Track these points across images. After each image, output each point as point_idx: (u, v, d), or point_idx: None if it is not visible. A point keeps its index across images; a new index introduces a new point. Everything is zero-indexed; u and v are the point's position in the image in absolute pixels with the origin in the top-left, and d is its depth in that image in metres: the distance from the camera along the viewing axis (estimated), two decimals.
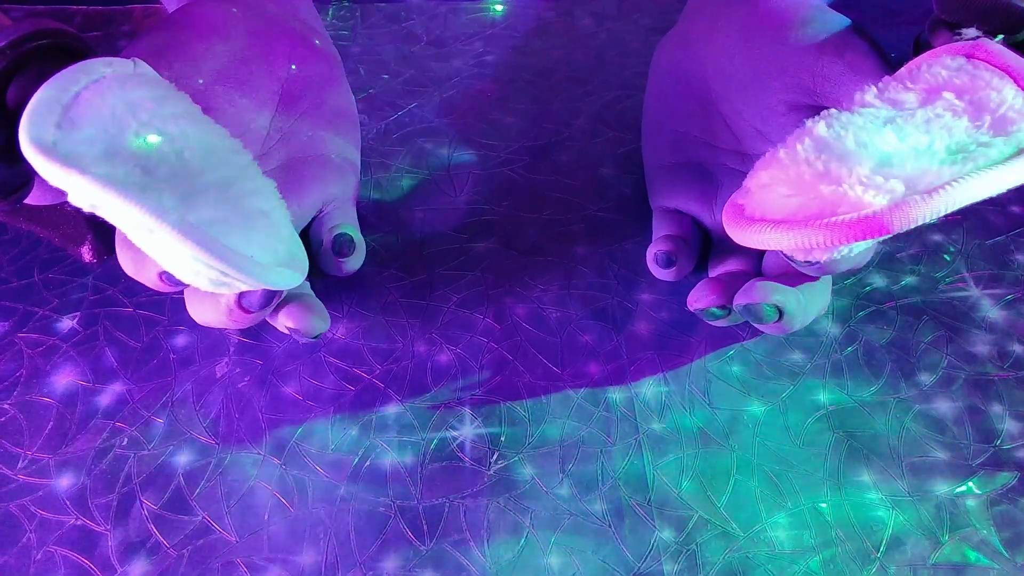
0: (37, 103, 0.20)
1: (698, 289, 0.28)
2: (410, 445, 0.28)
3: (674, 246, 0.30)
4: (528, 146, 0.38)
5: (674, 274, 0.30)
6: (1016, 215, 0.35)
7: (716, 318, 0.28)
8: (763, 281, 0.26)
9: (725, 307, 0.27)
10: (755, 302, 0.26)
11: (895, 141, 0.21)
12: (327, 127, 0.32)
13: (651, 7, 0.45)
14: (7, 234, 0.34)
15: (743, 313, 0.26)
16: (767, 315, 0.26)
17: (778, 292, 0.26)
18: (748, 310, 0.26)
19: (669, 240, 0.30)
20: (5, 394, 0.29)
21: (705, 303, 0.28)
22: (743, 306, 0.26)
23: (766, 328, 0.27)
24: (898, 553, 0.25)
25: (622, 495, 0.26)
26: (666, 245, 0.30)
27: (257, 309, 0.25)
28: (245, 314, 0.25)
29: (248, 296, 0.25)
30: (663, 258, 0.30)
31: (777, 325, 0.26)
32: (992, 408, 0.28)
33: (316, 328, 0.27)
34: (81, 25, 0.44)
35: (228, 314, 0.25)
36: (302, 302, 0.28)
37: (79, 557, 0.25)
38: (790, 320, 0.26)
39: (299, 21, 0.34)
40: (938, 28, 0.24)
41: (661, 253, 0.30)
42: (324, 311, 0.28)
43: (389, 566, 0.25)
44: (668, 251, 0.30)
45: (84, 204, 0.20)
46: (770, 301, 0.26)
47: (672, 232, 0.30)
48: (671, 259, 0.30)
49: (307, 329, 0.27)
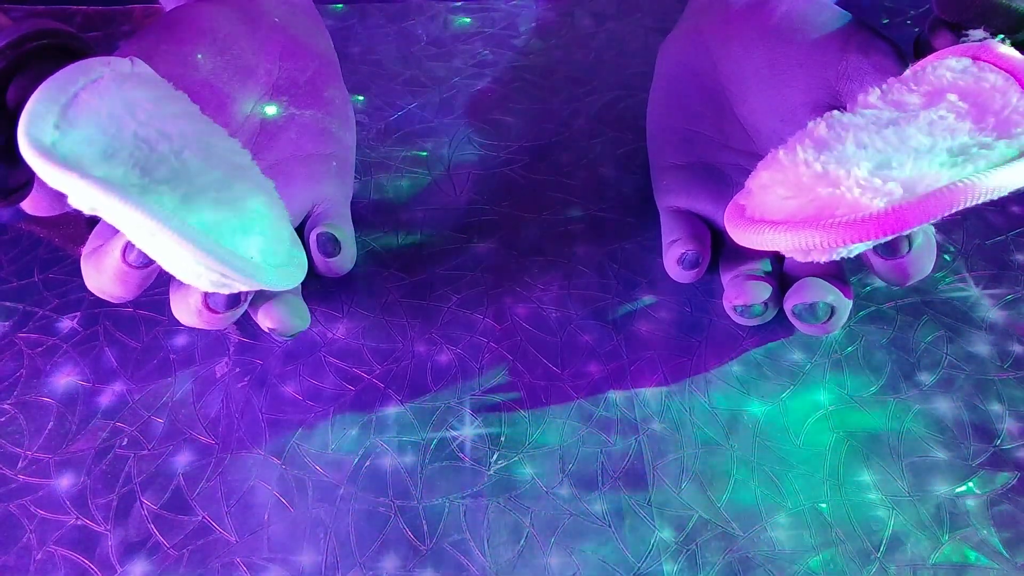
0: (35, 104, 0.20)
1: (736, 286, 0.28)
2: (410, 445, 0.28)
3: (701, 246, 0.30)
4: (528, 146, 0.38)
5: (695, 275, 0.30)
6: (1016, 215, 0.35)
7: (756, 316, 0.28)
8: (814, 279, 0.26)
9: (766, 304, 0.28)
10: (811, 301, 0.26)
11: (896, 143, 0.21)
12: (319, 125, 0.32)
13: (651, 7, 0.45)
14: (7, 234, 0.34)
15: (800, 312, 0.27)
16: (822, 313, 0.26)
17: (831, 291, 0.26)
18: (808, 308, 0.26)
19: (694, 240, 0.30)
20: (5, 394, 0.29)
21: (747, 299, 0.28)
22: (805, 305, 0.26)
23: (811, 328, 0.27)
24: (898, 553, 0.25)
25: (622, 495, 0.27)
26: (693, 245, 0.29)
27: (224, 310, 0.25)
28: (214, 314, 0.25)
29: (214, 297, 0.25)
30: (691, 258, 0.29)
31: (823, 325, 0.27)
32: (992, 408, 0.28)
33: (294, 327, 0.27)
34: (81, 25, 0.44)
35: (198, 315, 0.25)
36: (280, 301, 0.27)
37: (79, 557, 0.25)
38: (838, 320, 0.26)
39: (294, 19, 0.34)
40: (938, 28, 0.24)
41: (690, 253, 0.29)
42: (303, 309, 0.28)
43: (389, 566, 0.25)
44: (696, 251, 0.29)
45: (84, 207, 0.20)
46: (827, 300, 0.26)
47: (692, 232, 0.30)
48: (698, 259, 0.29)
49: (284, 328, 0.27)
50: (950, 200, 0.19)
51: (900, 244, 0.24)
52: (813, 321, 0.26)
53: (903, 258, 0.24)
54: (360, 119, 0.39)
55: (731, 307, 0.29)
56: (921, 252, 0.24)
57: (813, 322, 0.27)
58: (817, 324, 0.27)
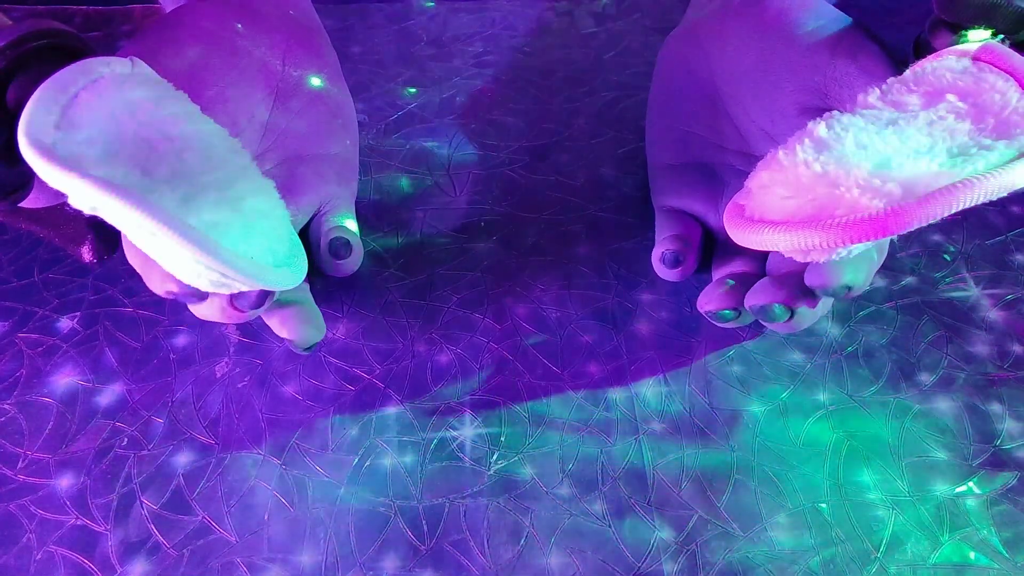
0: (36, 104, 0.20)
1: (708, 291, 0.28)
2: (410, 445, 0.28)
3: (681, 246, 0.30)
4: (528, 146, 0.38)
5: (679, 274, 0.30)
6: (1016, 215, 0.35)
7: (726, 320, 0.28)
8: (771, 279, 0.26)
9: (736, 309, 0.27)
10: (767, 303, 0.26)
11: (896, 143, 0.21)
12: (323, 126, 0.32)
13: (651, 7, 0.45)
14: (7, 234, 0.34)
15: (756, 313, 0.26)
16: (778, 315, 0.26)
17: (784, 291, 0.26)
18: (762, 310, 0.26)
19: (676, 240, 0.30)
20: (5, 394, 0.29)
21: (716, 305, 0.28)
22: (758, 306, 0.26)
23: (776, 327, 0.27)
24: (898, 553, 0.25)
25: (622, 495, 0.26)
26: (673, 244, 0.30)
27: (250, 309, 0.25)
28: (239, 313, 0.26)
29: (242, 297, 0.25)
30: (670, 258, 0.30)
31: (787, 324, 0.26)
32: (992, 408, 0.28)
33: (309, 339, 0.27)
34: (81, 25, 0.44)
35: (223, 312, 0.26)
36: (297, 310, 0.27)
37: (79, 557, 0.25)
38: (799, 320, 0.26)
39: (294, 19, 0.34)
40: (938, 28, 0.24)
41: (669, 252, 0.30)
42: (320, 319, 0.28)
43: (389, 566, 0.25)
44: (676, 250, 0.29)
45: (85, 206, 0.20)
46: (779, 300, 0.26)
47: (678, 232, 0.30)
48: (678, 259, 0.29)
49: (300, 340, 0.27)
50: (949, 201, 0.19)
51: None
52: (769, 321, 0.26)
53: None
54: (360, 119, 0.39)
55: (704, 312, 0.29)
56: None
57: (770, 322, 0.26)
58: (776, 324, 0.26)
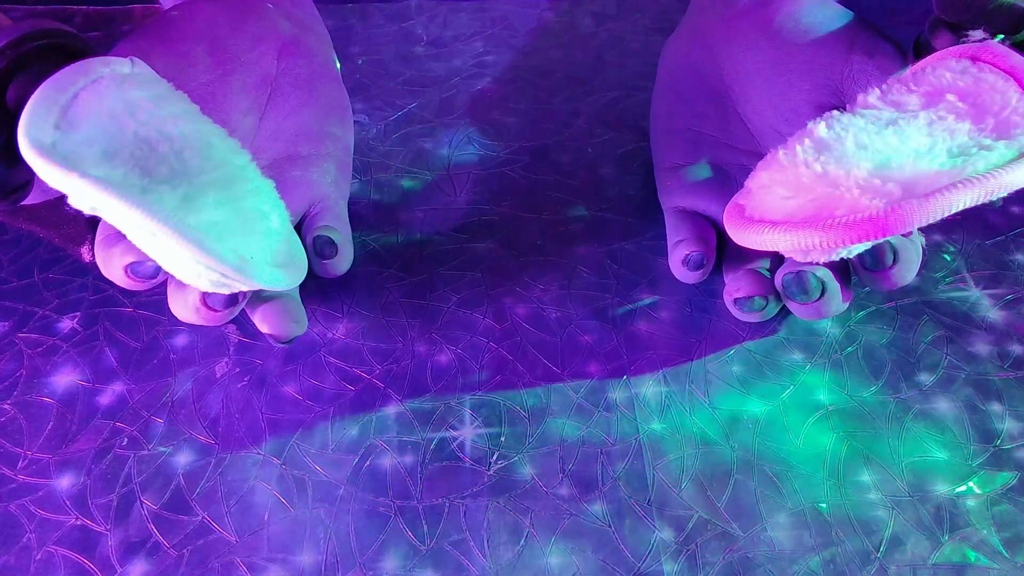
0: (35, 104, 0.20)
1: (737, 279, 0.28)
2: (410, 445, 0.28)
3: (707, 248, 0.30)
4: (528, 146, 0.38)
5: (700, 276, 0.30)
6: (1016, 215, 0.35)
7: (756, 310, 0.28)
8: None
9: (766, 297, 0.27)
10: (802, 271, 0.26)
11: (896, 143, 0.21)
12: (316, 126, 0.32)
13: (651, 7, 0.45)
14: (7, 234, 0.34)
15: (788, 284, 0.26)
16: (813, 287, 0.26)
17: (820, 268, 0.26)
18: (797, 278, 0.26)
19: (700, 241, 0.30)
20: (5, 394, 0.29)
21: (747, 291, 0.28)
22: (792, 274, 0.26)
23: (804, 309, 0.27)
24: (898, 553, 0.25)
25: (622, 495, 0.26)
26: (699, 247, 0.29)
27: (222, 308, 0.25)
28: (212, 312, 0.25)
29: (212, 296, 0.25)
30: (696, 259, 0.29)
31: (815, 306, 0.26)
32: (992, 408, 0.28)
33: (290, 332, 0.27)
34: (81, 25, 0.44)
35: (196, 312, 0.26)
36: (277, 304, 0.27)
37: (79, 557, 0.25)
38: (830, 300, 0.26)
39: (291, 18, 0.34)
40: (938, 28, 0.24)
41: (695, 255, 0.29)
42: (301, 314, 0.28)
43: (389, 566, 0.25)
44: (702, 252, 0.29)
45: (84, 206, 0.20)
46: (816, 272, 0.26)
47: (697, 233, 0.30)
48: (703, 261, 0.29)
49: (280, 333, 0.27)
50: (949, 201, 0.19)
51: (884, 256, 0.24)
52: (803, 294, 0.26)
53: (888, 270, 0.24)
54: (360, 119, 0.39)
55: (731, 300, 0.29)
56: (906, 263, 0.24)
57: (804, 298, 0.26)
58: (806, 304, 0.26)
